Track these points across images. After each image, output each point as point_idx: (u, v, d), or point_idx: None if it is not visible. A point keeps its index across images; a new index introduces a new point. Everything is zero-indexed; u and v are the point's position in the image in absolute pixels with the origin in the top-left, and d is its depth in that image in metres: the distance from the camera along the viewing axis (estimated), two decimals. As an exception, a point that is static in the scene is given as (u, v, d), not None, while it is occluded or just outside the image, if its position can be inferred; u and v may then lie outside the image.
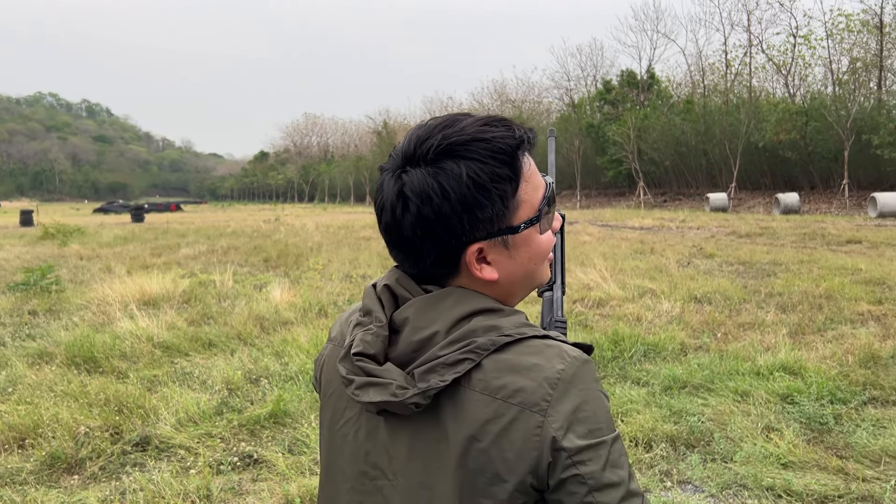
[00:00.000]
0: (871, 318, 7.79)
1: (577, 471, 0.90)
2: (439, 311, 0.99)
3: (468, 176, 0.96)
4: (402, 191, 0.98)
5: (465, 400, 0.95)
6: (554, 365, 0.93)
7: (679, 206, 41.90)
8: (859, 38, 40.05)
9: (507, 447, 0.92)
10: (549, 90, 67.31)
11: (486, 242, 1.00)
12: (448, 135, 0.98)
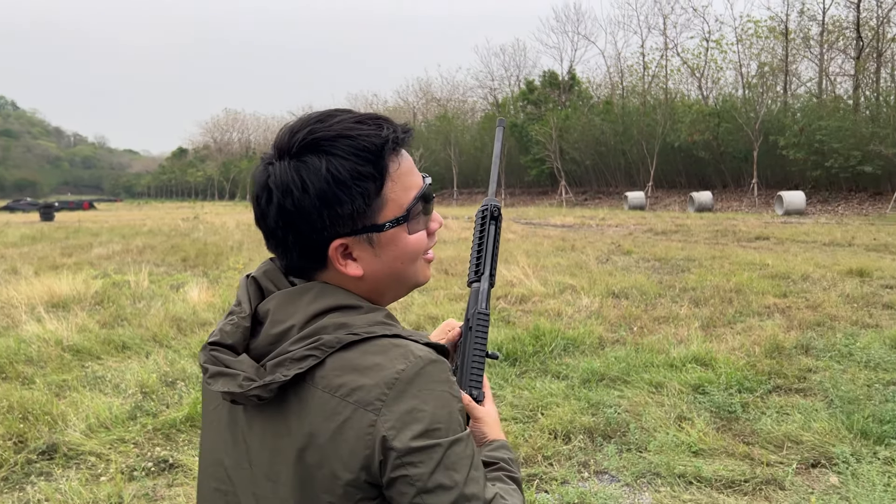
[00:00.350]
0: (777, 311, 8.18)
1: (405, 472, 0.92)
2: (298, 306, 1.01)
3: (328, 171, 0.98)
4: (267, 182, 1.01)
5: (308, 396, 0.96)
6: (395, 365, 0.94)
7: (599, 204, 42.99)
8: (767, 43, 41.98)
9: (342, 444, 0.93)
10: (473, 89, 67.91)
11: (349, 239, 1.02)
12: (315, 129, 1.00)
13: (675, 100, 44.88)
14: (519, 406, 4.99)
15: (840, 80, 40.69)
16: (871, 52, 37.10)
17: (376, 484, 0.95)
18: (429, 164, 55.32)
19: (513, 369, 5.90)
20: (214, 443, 1.11)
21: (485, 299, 1.31)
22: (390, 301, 1.14)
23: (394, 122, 1.05)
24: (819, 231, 19.55)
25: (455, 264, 12.85)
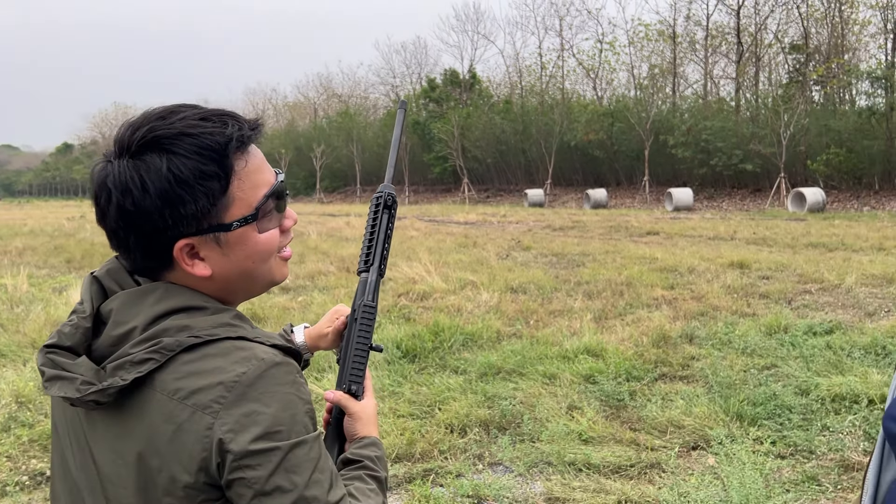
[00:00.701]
0: (664, 302, 8.57)
1: (242, 474, 0.92)
2: (142, 307, 0.99)
3: (169, 170, 0.95)
4: (106, 182, 0.97)
5: (148, 400, 0.95)
6: (236, 368, 0.93)
7: (501, 201, 43.74)
8: (657, 46, 43.83)
9: (180, 447, 0.93)
10: (375, 86, 67.36)
11: (195, 238, 1.00)
12: (156, 127, 0.97)
13: (572, 100, 46.19)
14: (417, 402, 5.03)
15: (723, 82, 43.03)
16: (751, 56, 39.40)
17: (216, 485, 0.94)
18: (331, 161, 54.68)
19: (412, 366, 5.92)
20: (62, 447, 1.08)
21: (372, 291, 1.30)
22: (243, 299, 1.12)
23: (241, 119, 1.03)
24: (705, 226, 20.60)
25: (357, 262, 12.75)
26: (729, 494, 3.45)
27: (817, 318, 7.43)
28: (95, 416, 1.00)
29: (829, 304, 8.45)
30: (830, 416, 4.60)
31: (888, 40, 32.90)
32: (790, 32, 39.04)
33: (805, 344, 6.27)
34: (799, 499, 3.54)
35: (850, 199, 29.02)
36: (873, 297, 8.80)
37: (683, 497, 3.52)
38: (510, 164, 46.29)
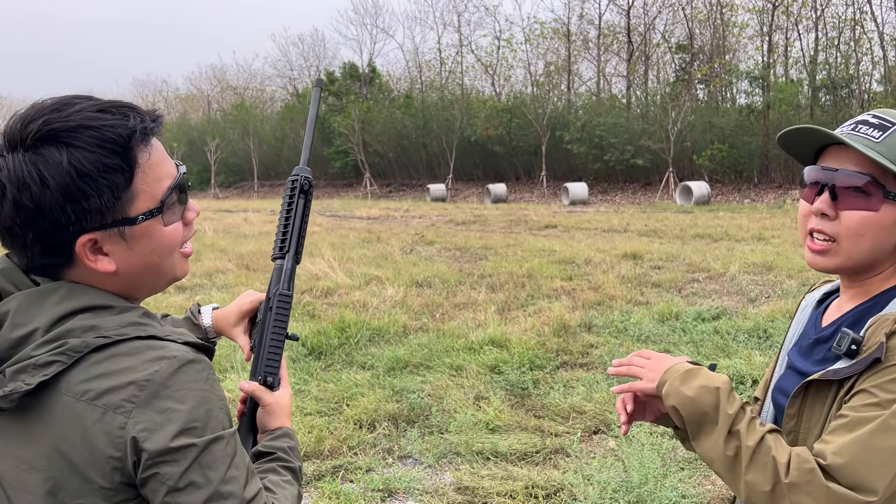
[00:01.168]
0: (564, 293, 8.84)
1: (157, 470, 0.92)
2: (42, 308, 0.96)
3: (70, 164, 0.93)
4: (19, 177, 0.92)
5: (54, 404, 0.93)
6: (147, 367, 0.93)
7: (403, 196, 43.74)
8: (552, 44, 44.93)
9: (92, 449, 0.92)
10: (272, 78, 66.01)
11: (98, 233, 0.98)
12: (52, 119, 0.94)
13: (471, 96, 46.72)
14: (324, 399, 4.99)
15: (615, 80, 44.62)
16: (641, 55, 41.03)
17: (132, 485, 0.94)
18: (226, 155, 53.05)
19: (318, 363, 5.87)
20: None
21: (288, 279, 1.29)
22: (146, 296, 1.11)
23: (141, 110, 1.01)
24: (600, 219, 21.34)
25: (257, 259, 12.50)
26: (630, 475, 3.62)
27: (705, 305, 7.86)
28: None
29: (716, 291, 8.96)
30: (719, 396, 4.89)
31: (764, 43, 35.05)
32: (676, 33, 40.92)
33: (695, 330, 6.63)
34: (693, 475, 3.75)
35: (733, 192, 30.78)
36: (755, 284, 9.39)
37: (587, 479, 3.67)
38: (412, 159, 46.36)
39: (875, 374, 1.09)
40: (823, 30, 33.35)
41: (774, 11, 33.76)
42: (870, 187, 1.16)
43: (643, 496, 3.38)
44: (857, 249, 1.20)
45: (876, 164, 1.15)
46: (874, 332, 1.12)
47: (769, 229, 16.50)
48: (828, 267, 1.24)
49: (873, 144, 1.16)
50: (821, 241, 1.22)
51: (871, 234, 1.18)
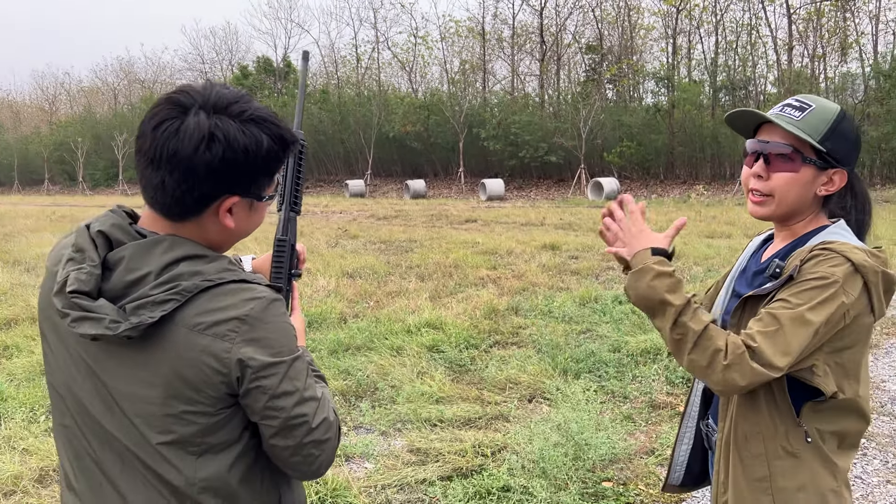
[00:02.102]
0: (490, 281, 9.27)
1: (259, 383, 1.20)
2: (152, 256, 1.19)
3: (260, 146, 1.20)
4: (214, 132, 1.16)
5: (171, 333, 1.17)
6: (244, 305, 1.19)
7: (321, 192, 43.49)
8: (467, 42, 45.61)
9: (203, 367, 1.17)
10: (182, 72, 63.94)
11: (242, 199, 1.25)
12: (257, 108, 1.22)
13: (388, 92, 46.86)
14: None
15: (528, 79, 45.71)
16: (553, 55, 42.21)
17: (234, 395, 1.21)
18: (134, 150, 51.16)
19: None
20: (64, 380, 1.27)
21: (283, 226, 1.57)
22: (226, 250, 1.36)
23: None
24: (517, 213, 22.01)
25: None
26: (569, 426, 4.03)
27: (621, 289, 8.43)
28: (112, 349, 1.21)
29: (630, 277, 9.59)
30: (639, 367, 5.40)
31: (669, 45, 36.74)
32: (586, 34, 42.32)
33: (614, 311, 7.16)
34: (620, 431, 4.20)
35: (640, 188, 32.18)
36: (664, 270, 10.09)
37: (528, 439, 4.06)
38: (329, 155, 46.12)
39: (789, 287, 1.48)
40: (723, 34, 35.29)
41: (678, 15, 35.44)
42: (792, 154, 1.56)
43: (580, 444, 3.79)
44: (784, 201, 1.59)
45: (796, 137, 1.55)
46: (793, 260, 1.51)
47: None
48: (764, 215, 1.63)
49: (795, 122, 1.55)
50: (758, 196, 1.61)
51: (794, 189, 1.57)
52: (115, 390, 1.22)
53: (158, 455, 1.22)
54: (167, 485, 1.23)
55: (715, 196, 27.44)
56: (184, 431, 1.20)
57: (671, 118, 32.48)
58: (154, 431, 1.21)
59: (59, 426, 1.33)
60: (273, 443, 1.25)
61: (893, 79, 26.07)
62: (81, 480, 1.30)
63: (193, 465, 1.22)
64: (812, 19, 32.14)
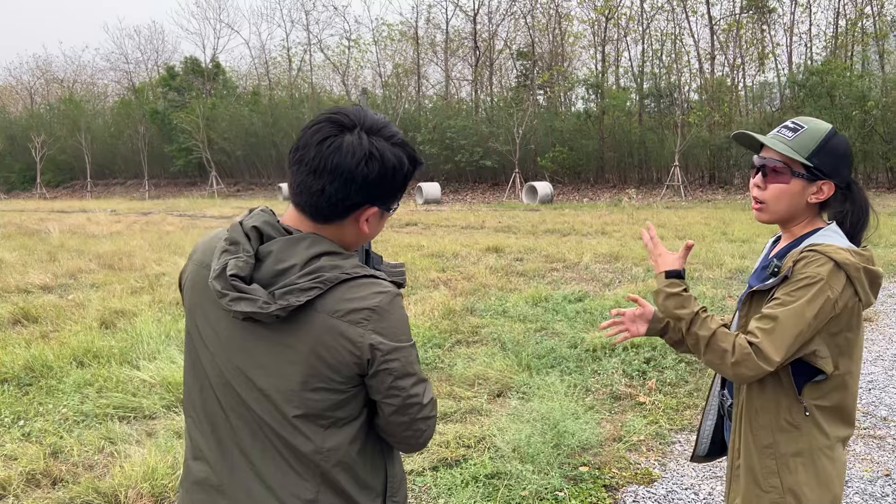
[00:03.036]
0: (441, 283, 9.48)
1: (386, 366, 1.39)
2: (297, 250, 1.37)
3: (403, 165, 1.43)
4: (373, 151, 1.37)
5: (312, 317, 1.34)
6: (375, 297, 1.38)
7: (253, 195, 42.81)
8: (400, 46, 45.80)
9: (340, 349, 1.35)
10: (104, 72, 62.08)
11: (379, 209, 1.45)
12: (399, 132, 1.44)
13: (321, 95, 46.58)
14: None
15: (462, 84, 46.24)
16: (486, 60, 42.84)
17: (362, 375, 1.40)
18: (54, 153, 49.30)
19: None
20: (210, 357, 1.44)
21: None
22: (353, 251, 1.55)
23: None
24: (456, 217, 22.31)
25: (120, 259, 12.13)
26: (552, 414, 4.26)
27: (569, 290, 8.78)
28: (258, 331, 1.37)
29: (574, 278, 9.96)
30: (597, 361, 5.69)
31: (598, 52, 37.84)
32: (518, 40, 43.12)
33: (565, 309, 7.47)
34: (593, 418, 4.46)
35: (573, 192, 33.03)
36: (606, 271, 10.51)
37: (502, 430, 4.27)
38: (261, 158, 45.45)
39: (783, 286, 1.74)
40: (649, 42, 36.57)
41: (607, 24, 36.54)
42: (783, 169, 1.83)
43: (561, 433, 4.03)
44: (777, 207, 1.87)
45: (787, 155, 1.81)
46: (788, 260, 1.77)
47: (610, 224, 18.11)
48: (763, 220, 1.92)
49: (787, 142, 1.82)
50: (758, 204, 1.89)
51: (784, 198, 1.85)
52: (257, 367, 1.38)
53: (291, 426, 1.38)
54: (295, 452, 1.39)
55: (644, 200, 28.44)
56: (317, 406, 1.37)
57: (601, 124, 33.44)
58: (290, 405, 1.37)
59: (196, 399, 1.49)
60: (391, 419, 1.43)
61: (807, 88, 27.59)
62: (214, 449, 1.46)
63: (322, 436, 1.39)
64: (732, 30, 33.66)
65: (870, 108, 25.74)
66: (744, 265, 10.49)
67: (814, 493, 1.79)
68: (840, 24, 32.61)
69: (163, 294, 8.65)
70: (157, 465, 3.67)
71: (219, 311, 1.42)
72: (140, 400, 4.84)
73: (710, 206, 25.21)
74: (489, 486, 3.61)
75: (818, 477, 1.79)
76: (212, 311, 1.43)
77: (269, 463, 1.41)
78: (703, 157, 32.29)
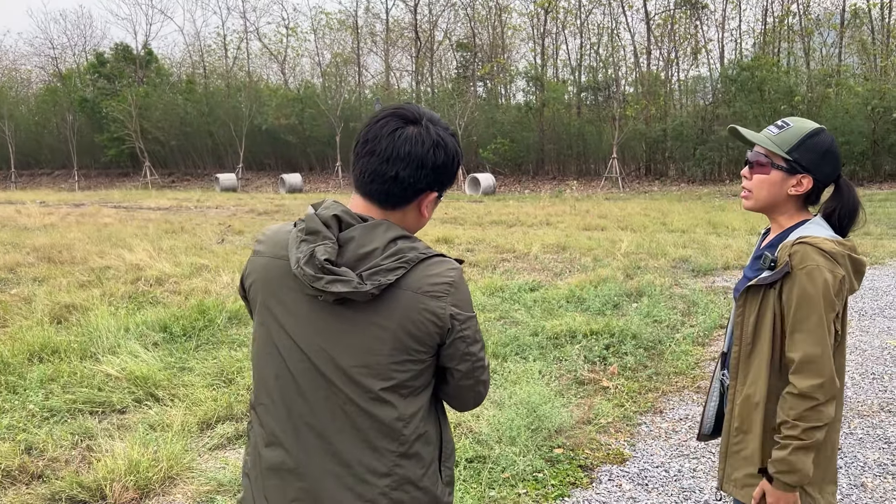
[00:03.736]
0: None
1: (462, 333, 1.53)
2: (376, 234, 1.49)
3: (459, 154, 1.58)
4: (439, 140, 1.51)
5: (398, 294, 1.46)
6: (449, 273, 1.51)
7: (189, 186, 41.79)
8: (339, 35, 45.36)
9: (424, 321, 1.48)
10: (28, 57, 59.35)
11: (436, 195, 1.58)
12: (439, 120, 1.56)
13: (259, 84, 45.76)
14: (212, 374, 5.25)
15: (403, 74, 46.14)
16: (426, 51, 42.84)
17: (440, 344, 1.52)
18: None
19: (188, 343, 6.04)
20: (293, 342, 1.52)
21: None
22: None
23: None
24: (401, 207, 22.32)
25: (59, 252, 11.75)
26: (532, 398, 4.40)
27: (522, 279, 8.97)
28: (341, 312, 1.47)
29: (526, 268, 10.17)
30: (559, 348, 5.88)
31: (537, 45, 38.29)
32: (458, 31, 43.28)
33: (523, 299, 7.65)
34: (567, 404, 4.63)
35: (515, 184, 33.45)
36: (555, 261, 10.76)
37: (475, 416, 4.39)
38: (197, 148, 44.42)
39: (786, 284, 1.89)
40: (587, 36, 37.21)
41: (546, 17, 37.00)
42: (765, 161, 2.01)
43: (540, 417, 4.18)
44: (759, 196, 2.05)
45: (769, 149, 1.98)
46: (783, 253, 1.92)
47: (554, 215, 18.46)
48: (748, 207, 2.09)
49: (772, 137, 1.99)
50: (745, 192, 2.07)
51: (765, 187, 2.02)
52: (343, 347, 1.48)
53: (377, 399, 1.49)
54: (376, 424, 1.49)
55: (584, 191, 29.04)
56: (402, 377, 1.50)
57: (541, 116, 33.92)
58: (377, 379, 1.48)
59: (271, 386, 1.55)
60: (461, 383, 1.59)
61: (738, 83, 28.59)
62: (290, 433, 1.54)
63: (404, 404, 1.51)
64: (667, 25, 34.57)
65: (797, 103, 26.88)
66: (686, 254, 10.89)
67: (815, 473, 1.93)
68: (768, 21, 33.88)
69: (113, 287, 8.45)
70: (140, 459, 3.66)
71: (299, 296, 1.50)
72: (108, 394, 4.78)
73: (647, 198, 25.95)
74: (471, 470, 3.73)
75: (816, 457, 1.93)
76: (290, 299, 1.51)
77: (345, 441, 1.50)
78: (639, 149, 33.15)
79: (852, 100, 27.33)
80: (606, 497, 3.59)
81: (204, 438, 4.26)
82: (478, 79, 40.25)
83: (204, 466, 3.89)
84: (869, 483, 3.72)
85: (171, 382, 5.03)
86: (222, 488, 3.62)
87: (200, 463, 3.94)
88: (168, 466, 3.72)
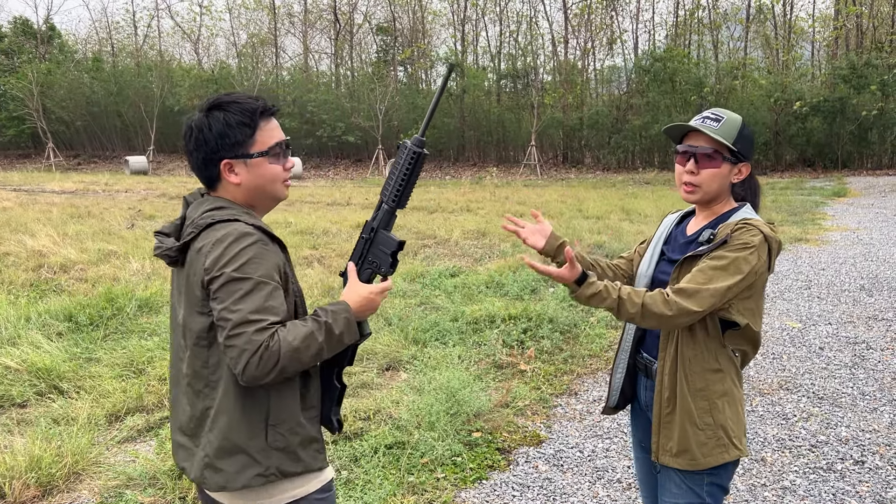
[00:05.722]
0: (315, 260, 9.42)
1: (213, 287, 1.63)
2: (198, 209, 1.76)
3: (223, 119, 1.70)
4: (191, 126, 1.76)
5: (191, 254, 1.71)
6: (219, 234, 1.65)
7: (96, 168, 39.93)
8: (255, 15, 44.17)
9: (197, 273, 1.67)
10: (-87, 28, 54.98)
11: (232, 160, 1.74)
12: (220, 97, 1.73)
13: (172, 64, 44.11)
14: (122, 364, 5.05)
15: (322, 57, 45.35)
16: (346, 34, 42.24)
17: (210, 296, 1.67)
18: None
19: (96, 333, 5.79)
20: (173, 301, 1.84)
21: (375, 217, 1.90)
22: (264, 211, 1.82)
23: (266, 100, 1.75)
24: (321, 193, 22.04)
25: None
26: (452, 384, 4.42)
27: (443, 266, 9.01)
28: (179, 274, 1.78)
29: (446, 254, 10.21)
30: (478, 333, 5.93)
31: (458, 31, 38.35)
32: (378, 15, 42.84)
33: (443, 285, 7.68)
34: (486, 388, 4.68)
35: (435, 170, 33.48)
36: (475, 247, 10.85)
37: (396, 402, 4.40)
38: (104, 128, 42.46)
39: (721, 247, 1.97)
40: (506, 24, 37.52)
41: (466, 3, 37.07)
42: (714, 154, 2.06)
43: (460, 402, 4.21)
44: (709, 189, 2.09)
45: (717, 142, 2.04)
46: (723, 230, 2.00)
47: (474, 202, 18.58)
48: (694, 200, 2.12)
49: (716, 130, 2.05)
50: (690, 187, 2.10)
51: (717, 180, 2.08)
52: (178, 305, 1.79)
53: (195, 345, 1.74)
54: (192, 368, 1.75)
55: (503, 178, 29.35)
56: (196, 328, 1.72)
57: (462, 103, 34.04)
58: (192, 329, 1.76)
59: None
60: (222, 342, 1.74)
61: (652, 73, 29.45)
62: (171, 387, 1.88)
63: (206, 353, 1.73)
64: (584, 15, 35.23)
65: (706, 94, 27.91)
66: (601, 240, 11.17)
67: (736, 427, 2.07)
68: (680, 13, 34.99)
69: (12, 275, 8.01)
70: (43, 455, 3.49)
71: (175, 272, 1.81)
72: (7, 388, 4.53)
73: (564, 185, 26.46)
74: (390, 456, 3.73)
75: (737, 413, 2.08)
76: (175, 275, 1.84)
77: (184, 384, 1.77)
78: (557, 137, 33.74)
79: (757, 92, 28.60)
80: (523, 479, 3.66)
81: (112, 431, 4.10)
82: (398, 63, 40.00)
83: (112, 460, 3.75)
84: (769, 457, 3.93)
85: (77, 374, 4.81)
86: (132, 482, 3.49)
87: (108, 457, 3.79)
88: (73, 461, 3.57)
